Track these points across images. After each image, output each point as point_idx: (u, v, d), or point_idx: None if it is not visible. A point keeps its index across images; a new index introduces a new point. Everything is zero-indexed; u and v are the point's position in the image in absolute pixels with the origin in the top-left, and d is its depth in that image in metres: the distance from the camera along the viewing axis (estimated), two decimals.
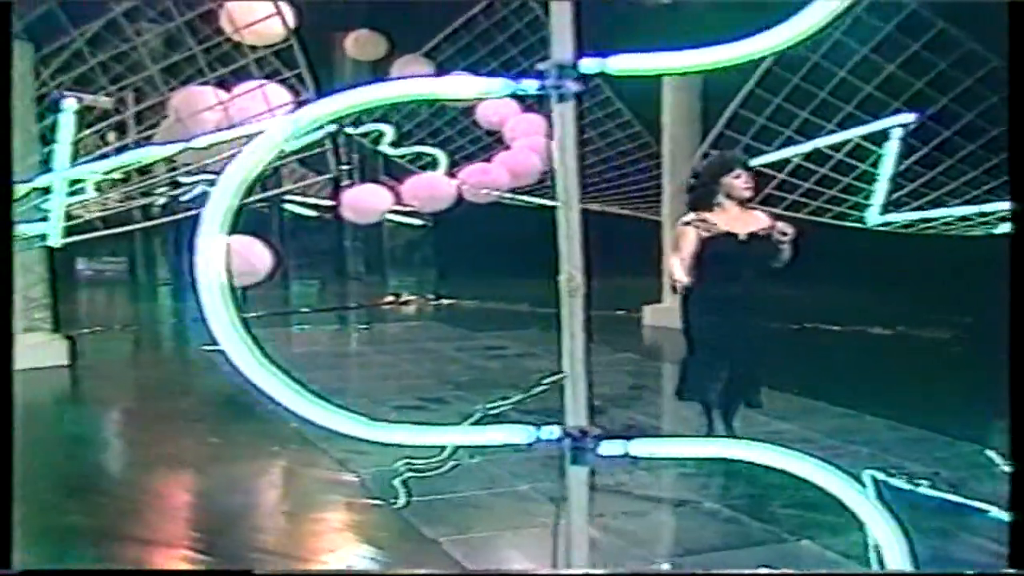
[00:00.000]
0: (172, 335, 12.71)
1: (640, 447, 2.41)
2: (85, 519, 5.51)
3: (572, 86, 2.57)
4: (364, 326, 13.50)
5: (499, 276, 15.92)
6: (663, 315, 12.10)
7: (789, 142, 9.08)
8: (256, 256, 9.50)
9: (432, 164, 12.69)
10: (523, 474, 5.79)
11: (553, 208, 9.71)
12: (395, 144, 13.22)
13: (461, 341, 11.51)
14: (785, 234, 6.05)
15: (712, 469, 6.17)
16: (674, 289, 6.37)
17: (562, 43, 2.56)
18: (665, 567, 4.63)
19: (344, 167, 19.56)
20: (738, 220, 6.12)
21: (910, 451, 6.43)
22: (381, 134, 13.13)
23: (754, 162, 9.22)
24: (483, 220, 15.69)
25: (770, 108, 9.19)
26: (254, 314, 11.51)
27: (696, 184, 6.52)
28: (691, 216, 6.19)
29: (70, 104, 6.72)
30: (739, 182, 6.11)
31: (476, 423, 7.20)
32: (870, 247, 10.13)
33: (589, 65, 2.59)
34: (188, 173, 11.07)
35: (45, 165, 7.44)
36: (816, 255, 11.79)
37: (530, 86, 2.58)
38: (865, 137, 8.81)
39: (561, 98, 2.58)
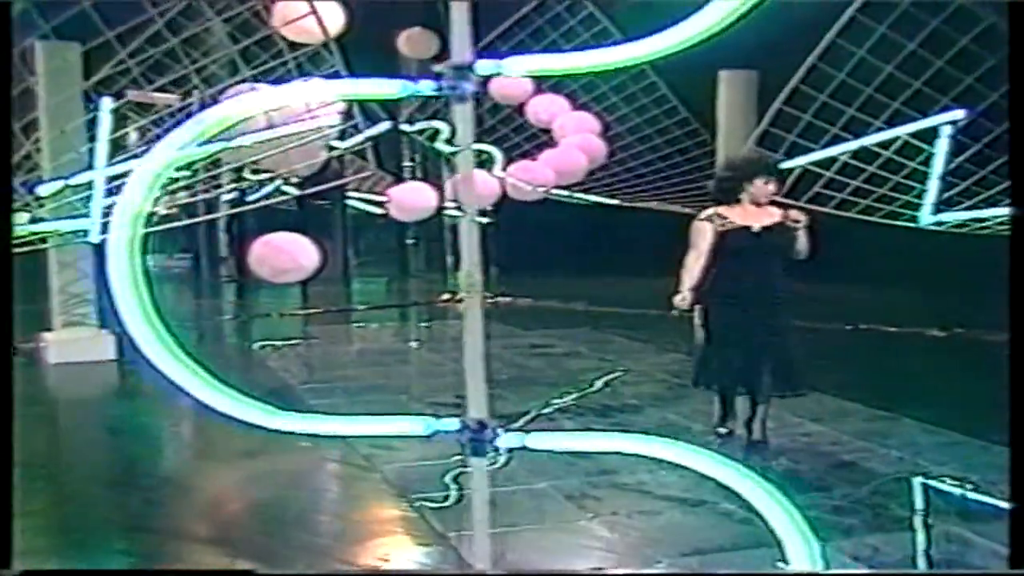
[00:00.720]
0: (228, 331, 13.00)
1: (537, 440, 2.48)
2: (117, 512, 5.73)
3: (469, 87, 2.64)
4: (425, 323, 13.66)
5: (558, 274, 16.02)
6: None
7: (836, 140, 8.99)
8: (302, 253, 9.72)
9: (488, 162, 12.82)
10: (541, 472, 5.86)
11: (608, 206, 9.81)
12: (450, 141, 13.40)
13: (509, 339, 11.59)
14: (797, 222, 6.34)
15: None
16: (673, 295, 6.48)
17: (460, 45, 2.63)
18: (662, 567, 4.67)
19: (408, 164, 19.94)
20: (752, 215, 6.41)
21: (942, 455, 6.38)
22: (437, 131, 13.30)
23: (801, 160, 9.23)
24: (545, 218, 15.85)
25: (815, 105, 9.13)
26: (316, 310, 11.78)
27: (724, 179, 6.65)
28: (707, 212, 6.51)
29: (107, 103, 6.95)
30: (766, 187, 6.37)
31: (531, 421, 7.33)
32: (935, 247, 10.00)
33: (485, 67, 2.65)
34: (255, 171, 11.40)
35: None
36: (880, 256, 11.82)
37: (427, 87, 2.66)
38: (914, 135, 8.69)
39: (459, 99, 2.65)
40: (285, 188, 12.56)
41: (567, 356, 10.45)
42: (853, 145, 8.78)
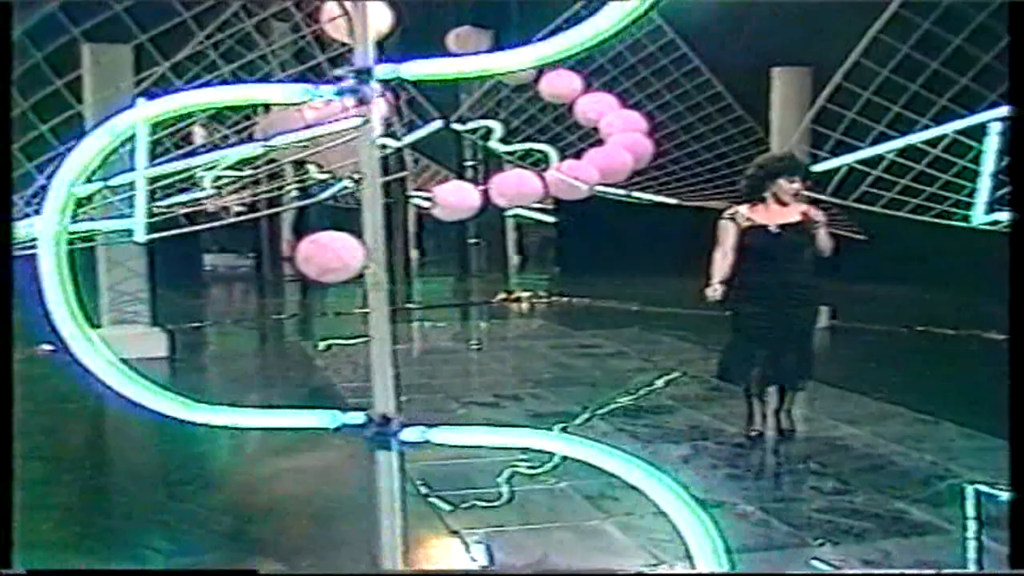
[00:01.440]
0: (284, 330, 13.24)
1: (439, 435, 2.55)
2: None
3: (369, 91, 2.70)
4: (484, 323, 13.79)
5: (620, 274, 16.04)
6: None
7: (882, 138, 8.89)
8: (348, 252, 9.89)
9: (543, 160, 12.89)
10: (561, 472, 5.92)
11: (668, 206, 9.81)
12: (504, 140, 13.50)
13: (558, 339, 11.69)
14: (816, 221, 6.52)
15: (760, 471, 6.24)
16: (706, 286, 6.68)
17: (362, 49, 2.70)
18: (663, 567, 4.71)
19: (469, 163, 20.12)
20: (776, 214, 6.61)
21: (976, 460, 6.30)
22: (489, 131, 13.42)
23: (846, 159, 9.15)
24: (607, 218, 15.88)
25: (860, 102, 9.04)
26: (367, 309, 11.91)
27: (750, 177, 6.83)
28: (732, 210, 6.78)
29: (142, 103, 7.13)
30: (790, 186, 6.60)
31: (584, 422, 7.41)
32: (999, 247, 9.75)
33: (384, 71, 2.72)
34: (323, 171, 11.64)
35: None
36: (941, 255, 11.62)
37: (328, 91, 2.73)
38: (962, 132, 8.55)
39: (361, 102, 2.72)
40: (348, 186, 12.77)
41: (612, 356, 10.50)
42: (900, 143, 8.67)
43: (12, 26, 3.24)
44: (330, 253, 10.94)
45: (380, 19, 9.61)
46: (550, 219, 20.74)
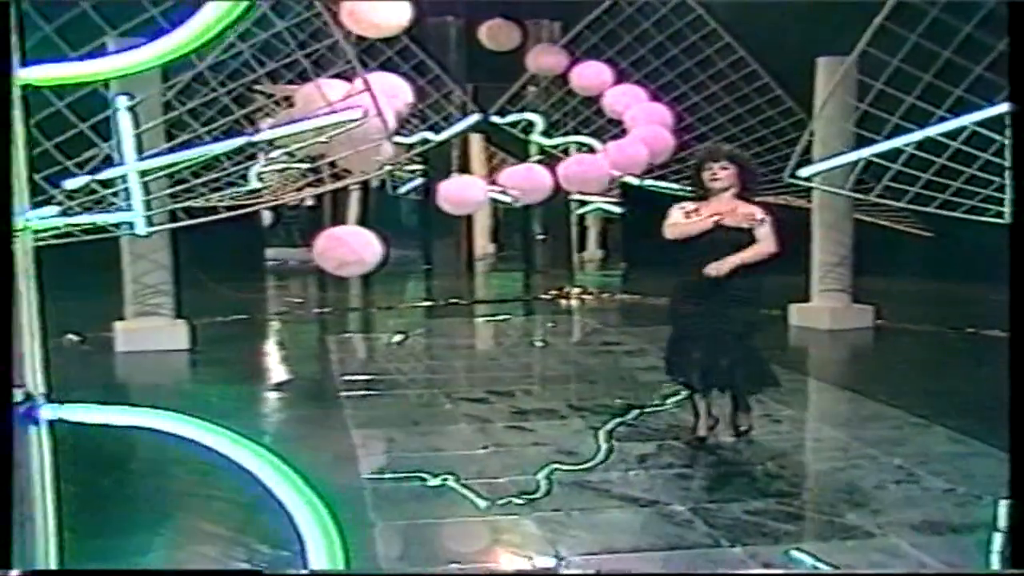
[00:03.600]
0: (323, 325, 13.55)
1: (70, 413, 2.68)
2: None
3: None
4: (517, 319, 13.94)
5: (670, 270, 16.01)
6: (812, 315, 11.92)
7: (898, 131, 8.72)
8: (364, 246, 10.15)
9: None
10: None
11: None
12: (546, 134, 13.65)
13: (584, 336, 11.80)
14: (754, 219, 6.49)
15: (712, 473, 6.28)
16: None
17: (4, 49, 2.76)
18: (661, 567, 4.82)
19: (538, 157, 20.25)
20: (713, 209, 6.56)
21: (948, 464, 6.25)
22: (531, 124, 13.59)
23: (865, 152, 9.03)
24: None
25: (871, 94, 8.91)
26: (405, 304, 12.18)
27: (690, 170, 6.98)
28: (680, 204, 6.76)
29: (123, 100, 7.50)
30: (707, 175, 6.59)
31: (561, 419, 7.57)
32: None
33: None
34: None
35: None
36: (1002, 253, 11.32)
37: None
38: (981, 123, 8.37)
39: None
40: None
41: (629, 354, 10.57)
42: (916, 136, 8.49)
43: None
44: (345, 247, 11.24)
45: (400, 13, 9.89)
46: (613, 210, 20.89)
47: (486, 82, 14.55)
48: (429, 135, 13.14)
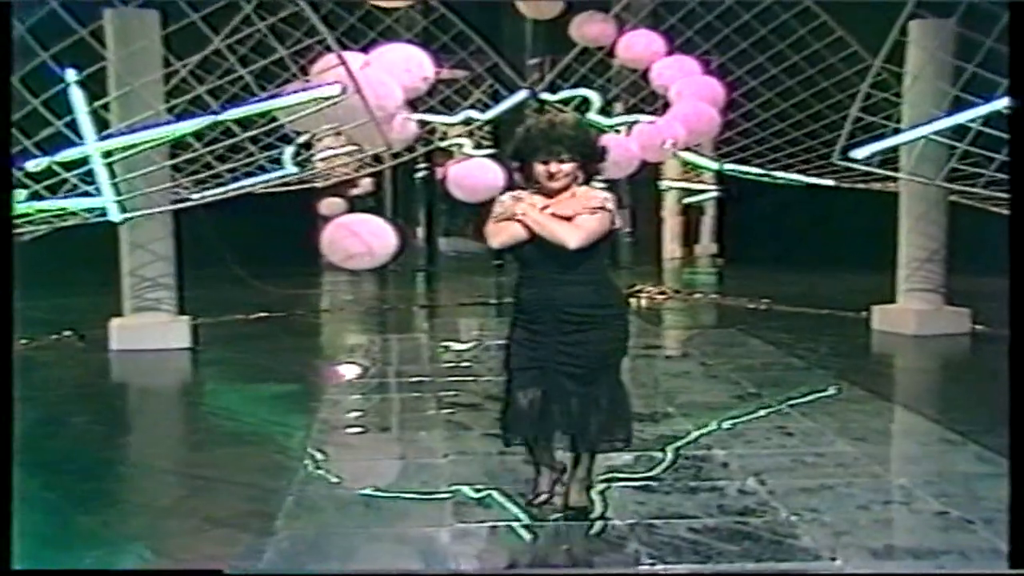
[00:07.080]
0: (348, 323, 13.46)
1: None
2: None
3: None
4: None
5: (786, 267, 15.63)
6: (897, 318, 11.35)
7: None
8: (375, 238, 10.05)
9: None
10: None
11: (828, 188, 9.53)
12: (604, 111, 13.31)
13: (636, 337, 11.39)
14: (595, 210, 5.01)
15: (684, 484, 5.95)
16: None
17: None
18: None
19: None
20: (553, 203, 5.12)
21: (961, 486, 5.91)
22: (586, 100, 13.25)
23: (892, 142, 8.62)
24: (777, 206, 15.42)
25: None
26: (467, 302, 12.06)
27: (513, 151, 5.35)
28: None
29: (71, 75, 7.47)
30: (548, 170, 5.06)
31: None
32: None
33: None
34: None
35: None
36: None
37: None
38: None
39: None
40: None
41: (670, 358, 10.29)
42: (948, 122, 8.05)
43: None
44: (354, 239, 11.12)
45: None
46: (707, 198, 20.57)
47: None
48: (473, 114, 12.97)
